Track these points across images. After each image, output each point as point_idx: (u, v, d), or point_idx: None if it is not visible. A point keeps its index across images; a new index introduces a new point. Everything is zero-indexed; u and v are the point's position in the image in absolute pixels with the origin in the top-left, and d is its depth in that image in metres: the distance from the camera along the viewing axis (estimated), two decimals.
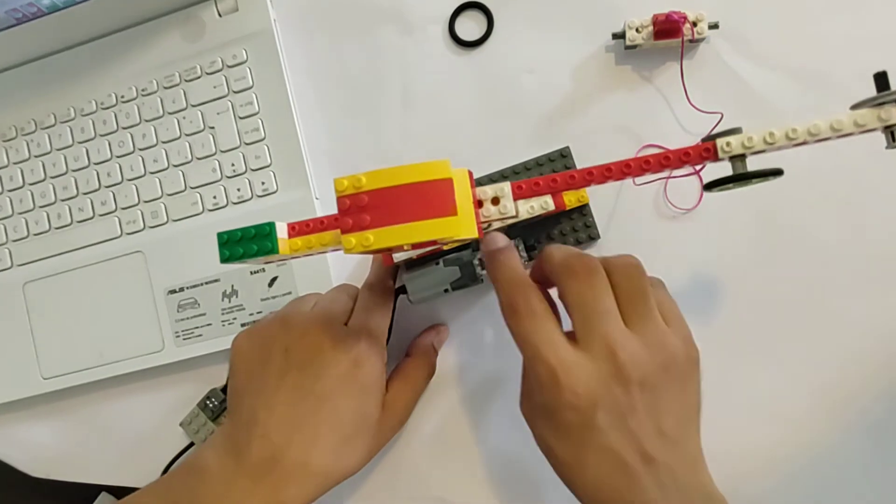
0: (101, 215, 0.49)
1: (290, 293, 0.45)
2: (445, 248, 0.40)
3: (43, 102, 0.50)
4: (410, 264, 0.41)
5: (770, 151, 0.30)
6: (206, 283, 0.46)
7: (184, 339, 0.46)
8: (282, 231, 0.32)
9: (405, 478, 0.45)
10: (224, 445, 0.37)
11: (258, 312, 0.45)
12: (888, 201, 0.41)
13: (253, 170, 0.46)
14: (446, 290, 0.40)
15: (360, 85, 0.47)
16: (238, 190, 0.46)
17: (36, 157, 0.50)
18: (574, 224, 0.42)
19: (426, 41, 0.47)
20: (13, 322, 0.49)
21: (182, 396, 0.46)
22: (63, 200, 0.49)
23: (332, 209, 0.46)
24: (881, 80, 0.29)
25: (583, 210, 0.42)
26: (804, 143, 0.29)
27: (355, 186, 0.29)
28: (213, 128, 0.47)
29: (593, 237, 0.42)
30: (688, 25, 0.41)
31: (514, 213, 0.32)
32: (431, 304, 0.45)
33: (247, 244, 0.31)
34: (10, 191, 0.50)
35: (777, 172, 0.30)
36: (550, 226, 0.42)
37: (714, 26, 0.42)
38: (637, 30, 0.42)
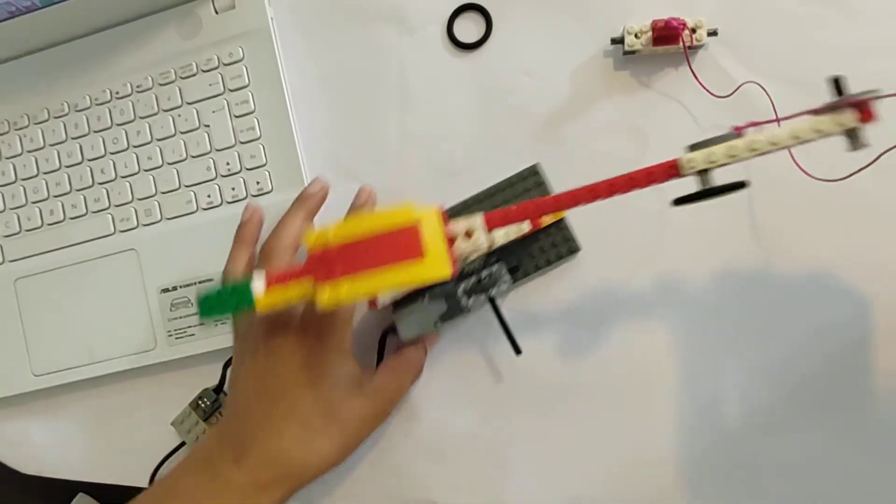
0: (94, 212, 0.48)
1: None
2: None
3: (36, 97, 0.50)
4: (397, 302, 0.41)
5: (735, 164, 0.30)
6: (200, 282, 0.46)
7: (176, 338, 0.46)
8: (259, 283, 0.32)
9: (395, 480, 0.45)
10: (202, 451, 0.40)
11: None
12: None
13: (248, 169, 0.46)
14: (436, 324, 0.41)
15: (358, 85, 0.47)
16: (233, 189, 0.46)
17: (29, 152, 0.50)
18: (553, 239, 0.42)
19: (424, 42, 0.47)
20: (4, 318, 0.49)
21: (174, 395, 0.46)
22: (56, 196, 0.49)
23: (329, 210, 0.46)
24: (837, 85, 0.29)
25: (560, 224, 0.42)
26: (767, 152, 0.29)
27: (323, 240, 0.30)
28: (208, 126, 0.47)
29: (573, 250, 0.42)
30: (687, 32, 0.41)
31: (487, 246, 0.32)
32: None
33: (224, 303, 0.32)
34: (1, 186, 0.50)
35: (740, 185, 0.30)
36: (530, 244, 0.42)
37: (713, 33, 0.42)
38: (636, 35, 0.42)
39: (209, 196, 0.46)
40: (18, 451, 0.50)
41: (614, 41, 0.43)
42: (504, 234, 0.36)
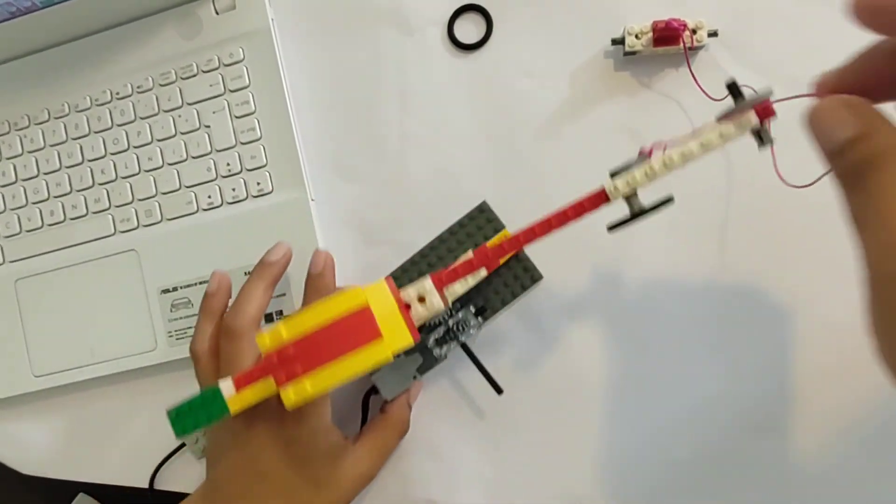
0: (94, 213, 0.48)
1: (283, 294, 0.45)
2: None
3: (37, 98, 0.50)
4: None
5: (655, 181, 0.30)
6: (200, 282, 0.46)
7: (177, 338, 0.46)
8: (228, 389, 0.32)
9: (394, 479, 0.45)
10: None
11: None
12: None
13: (248, 170, 0.46)
14: (414, 377, 0.41)
15: (358, 86, 0.47)
16: (233, 190, 0.46)
17: (29, 152, 0.50)
18: (514, 272, 0.42)
19: (425, 43, 0.47)
20: (5, 319, 0.49)
21: (174, 397, 0.46)
22: (56, 197, 0.49)
23: (329, 211, 0.46)
24: (734, 89, 0.30)
25: (518, 257, 0.42)
26: (683, 165, 0.30)
27: (278, 340, 0.30)
28: (208, 126, 0.47)
29: (536, 279, 0.42)
30: (687, 33, 0.41)
31: (442, 307, 0.32)
32: None
33: (197, 414, 0.32)
34: (2, 186, 0.50)
35: (668, 201, 0.31)
36: (493, 282, 0.42)
37: (713, 34, 0.42)
38: (636, 36, 0.42)
39: (209, 197, 0.46)
40: (19, 452, 0.50)
41: (615, 42, 0.43)
42: (463, 284, 0.36)
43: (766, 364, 0.42)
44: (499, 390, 0.41)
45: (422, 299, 0.32)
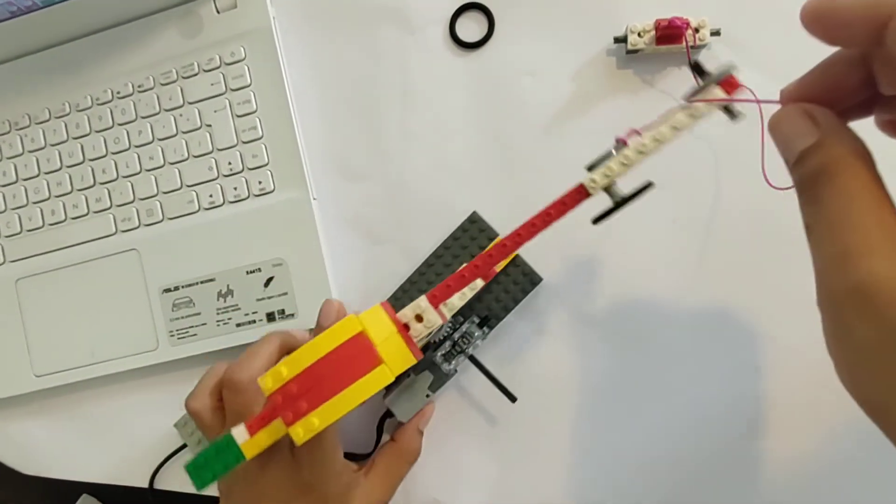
0: (95, 212, 0.48)
1: (286, 293, 0.45)
2: None
3: (37, 97, 0.50)
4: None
5: (632, 168, 0.30)
6: (202, 282, 0.46)
7: (178, 338, 0.46)
8: (241, 435, 0.31)
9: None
10: None
11: (253, 312, 0.45)
12: None
13: (250, 169, 0.46)
14: (427, 395, 0.41)
15: (360, 84, 0.47)
16: (235, 189, 0.46)
17: (30, 152, 0.49)
18: (513, 278, 0.42)
19: (426, 41, 0.46)
20: (5, 319, 0.49)
21: (176, 397, 0.46)
22: (57, 196, 0.49)
23: (331, 210, 0.46)
24: (698, 68, 0.30)
25: (515, 262, 0.42)
26: (657, 150, 0.30)
27: (279, 379, 0.30)
28: (209, 125, 0.47)
29: (535, 282, 0.42)
30: (690, 31, 0.41)
31: (441, 321, 0.32)
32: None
33: (214, 464, 0.31)
34: (2, 186, 0.50)
35: (648, 186, 0.31)
36: (493, 290, 0.42)
37: (716, 33, 0.42)
38: (639, 34, 0.42)
39: (211, 196, 0.46)
40: (20, 452, 0.50)
41: (617, 40, 0.43)
42: (461, 297, 0.36)
43: (770, 364, 0.41)
44: (512, 398, 0.41)
45: (419, 318, 0.32)
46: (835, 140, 0.22)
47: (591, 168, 0.31)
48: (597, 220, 0.31)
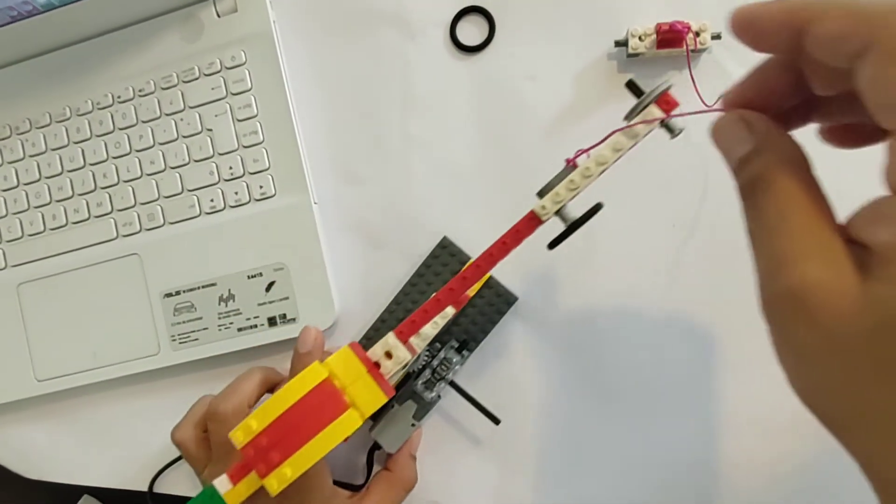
0: (96, 217, 0.48)
1: (287, 298, 0.45)
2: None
3: (38, 102, 0.50)
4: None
5: (581, 191, 0.30)
6: (203, 286, 0.46)
7: (180, 343, 0.46)
8: (223, 485, 0.32)
9: None
10: None
11: (255, 317, 0.45)
12: None
13: (251, 173, 0.46)
14: (413, 425, 0.42)
15: (361, 88, 0.47)
16: (236, 193, 0.46)
17: (31, 156, 0.49)
18: (488, 300, 0.43)
19: (427, 45, 0.46)
20: (7, 323, 0.49)
21: (178, 401, 0.46)
22: (58, 201, 0.49)
23: (332, 214, 0.46)
24: (633, 87, 0.30)
25: (488, 283, 0.43)
26: (602, 172, 0.30)
27: (249, 433, 0.31)
28: (210, 130, 0.47)
29: (511, 302, 0.43)
30: (691, 35, 0.41)
31: (409, 356, 0.32)
32: None
33: None
34: (4, 191, 0.50)
35: (598, 208, 0.31)
36: (468, 313, 0.43)
37: (717, 37, 0.41)
38: (640, 38, 0.42)
39: (212, 200, 0.46)
40: (22, 457, 0.50)
41: (618, 44, 0.43)
42: (433, 326, 0.36)
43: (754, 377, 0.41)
44: (496, 421, 0.42)
45: (389, 354, 0.32)
46: (770, 146, 0.22)
47: (541, 193, 0.31)
48: (552, 245, 0.31)
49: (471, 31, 0.46)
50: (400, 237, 0.46)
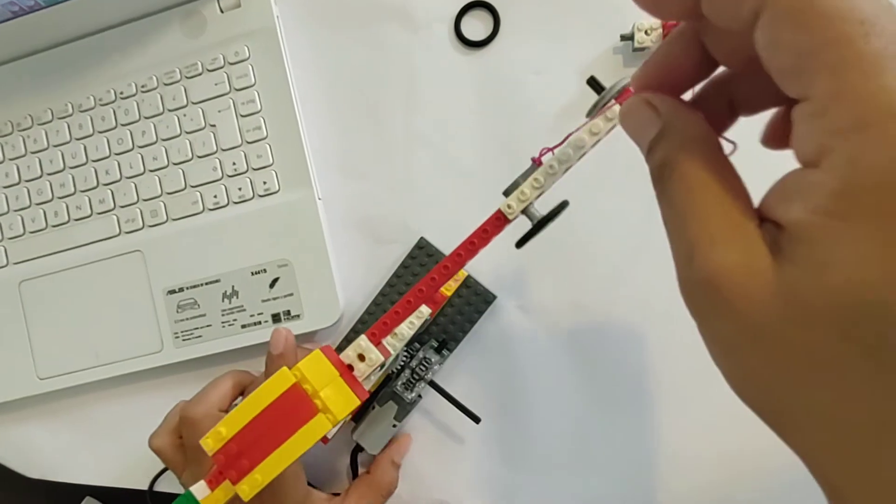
0: (99, 213, 0.48)
1: (291, 294, 0.45)
2: (370, 389, 0.41)
3: (40, 98, 0.49)
4: (353, 419, 0.42)
5: (547, 190, 0.30)
6: (207, 283, 0.46)
7: (183, 339, 0.46)
8: (201, 491, 0.31)
9: (407, 480, 0.44)
10: None
11: (259, 314, 0.45)
12: None
13: (254, 169, 0.46)
14: (394, 426, 0.42)
15: (365, 83, 0.47)
16: (239, 189, 0.46)
17: (33, 153, 0.49)
18: (467, 299, 0.43)
19: (431, 40, 0.46)
20: (9, 321, 0.48)
21: (181, 398, 0.46)
22: (60, 198, 0.48)
23: (336, 210, 0.46)
24: (594, 84, 0.30)
25: (466, 282, 0.42)
26: (565, 171, 0.30)
27: (219, 440, 0.31)
28: (214, 126, 0.46)
29: (489, 301, 0.42)
30: None
31: (382, 358, 0.32)
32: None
33: None
34: (5, 187, 0.49)
35: (564, 205, 0.31)
36: (447, 313, 0.42)
37: None
38: (646, 32, 0.42)
39: (215, 196, 0.46)
40: (23, 456, 0.50)
41: (624, 38, 0.43)
42: (409, 327, 0.36)
43: None
44: (476, 420, 0.42)
45: (361, 357, 0.32)
46: (674, 128, 0.21)
47: (507, 192, 0.31)
48: (520, 244, 0.31)
49: (475, 26, 0.46)
50: (403, 232, 0.45)
